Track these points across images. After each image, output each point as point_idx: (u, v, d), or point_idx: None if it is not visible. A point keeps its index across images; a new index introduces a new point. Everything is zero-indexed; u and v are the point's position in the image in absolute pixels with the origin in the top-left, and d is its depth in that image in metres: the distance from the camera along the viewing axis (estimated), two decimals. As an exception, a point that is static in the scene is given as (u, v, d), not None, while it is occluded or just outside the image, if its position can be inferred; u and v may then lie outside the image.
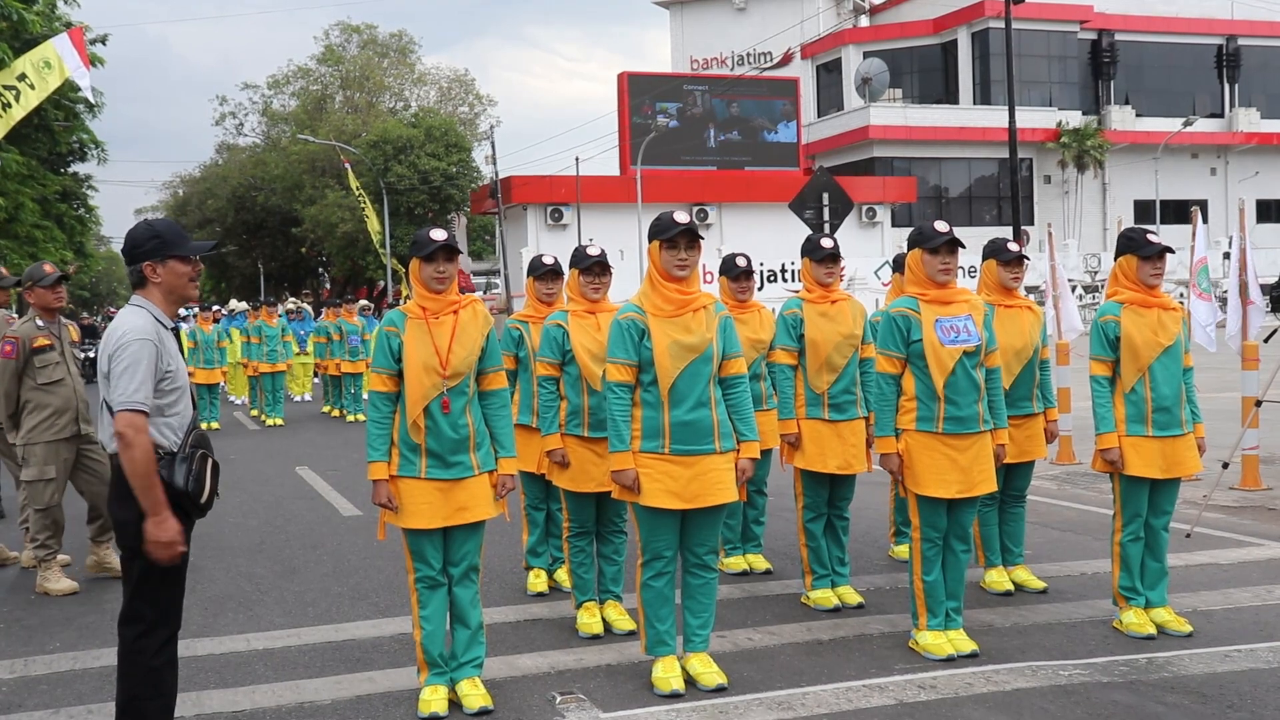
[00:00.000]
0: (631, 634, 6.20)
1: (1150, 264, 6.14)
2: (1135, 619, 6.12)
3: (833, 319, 6.81)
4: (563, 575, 7.31)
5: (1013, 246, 6.93)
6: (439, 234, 5.26)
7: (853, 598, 6.83)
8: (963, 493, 5.83)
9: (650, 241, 5.48)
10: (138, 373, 4.33)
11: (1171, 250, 6.20)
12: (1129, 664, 5.66)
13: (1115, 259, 6.36)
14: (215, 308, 25.21)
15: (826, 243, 6.87)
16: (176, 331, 4.68)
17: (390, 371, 5.21)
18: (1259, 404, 9.83)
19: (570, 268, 6.55)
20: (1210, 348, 11.32)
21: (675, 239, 5.38)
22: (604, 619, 6.44)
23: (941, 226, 5.94)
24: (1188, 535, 8.30)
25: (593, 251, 6.43)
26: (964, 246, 6.04)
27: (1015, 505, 7.17)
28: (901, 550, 7.85)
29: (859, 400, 6.86)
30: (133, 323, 4.43)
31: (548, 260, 7.17)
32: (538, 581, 7.39)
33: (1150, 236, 6.21)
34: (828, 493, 6.94)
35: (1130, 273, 6.21)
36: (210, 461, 4.59)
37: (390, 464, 5.23)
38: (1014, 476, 7.07)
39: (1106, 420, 6.16)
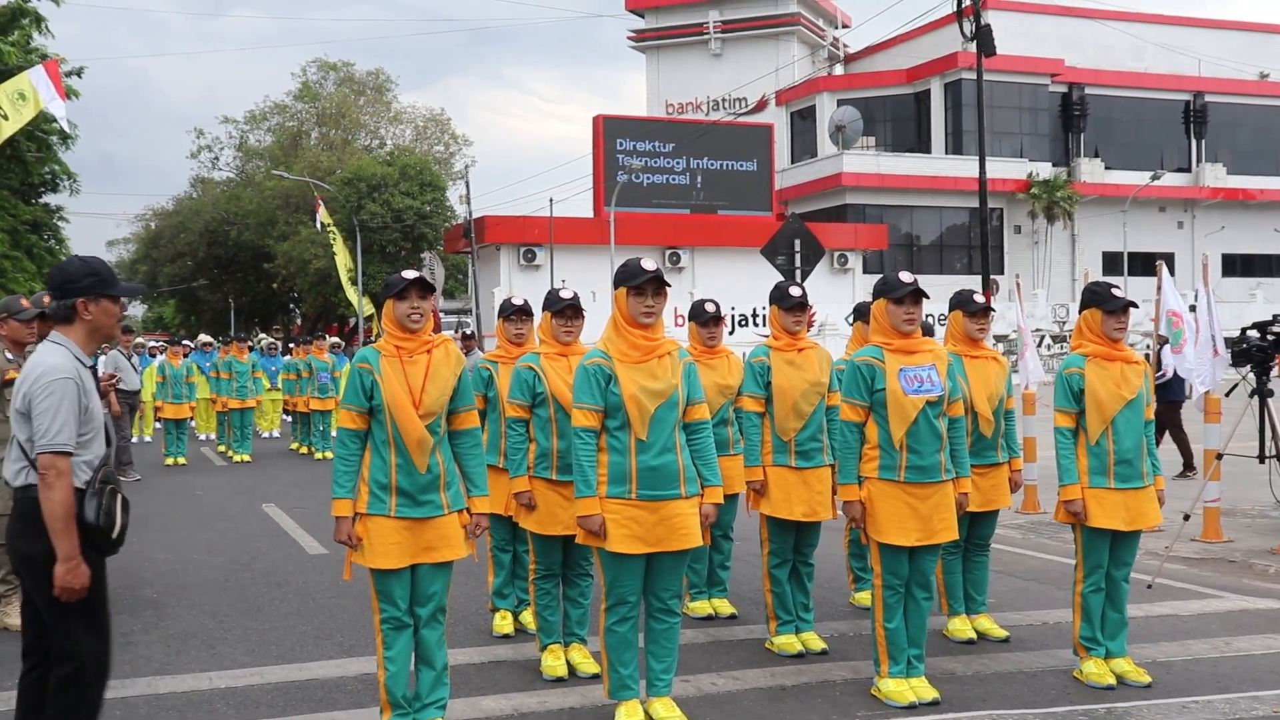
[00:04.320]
0: (595, 677, 6.20)
1: (1114, 318, 6.20)
2: (1095, 669, 6.17)
3: (800, 367, 6.81)
4: (528, 617, 7.31)
5: (979, 298, 7.02)
6: (410, 272, 5.23)
7: (817, 644, 6.86)
8: (922, 540, 5.89)
9: (616, 288, 5.49)
10: (60, 412, 4.31)
11: (1135, 305, 6.28)
12: (1088, 714, 5.70)
13: (1080, 312, 6.42)
14: (185, 343, 25.07)
15: (795, 291, 6.88)
16: (94, 369, 4.67)
17: (360, 409, 5.17)
18: (1220, 457, 9.94)
19: (543, 310, 6.52)
20: (1203, 387, 11.20)
21: (642, 286, 5.40)
22: (568, 662, 6.45)
23: (906, 277, 5.97)
24: (1149, 586, 8.37)
25: (565, 294, 6.42)
26: (928, 297, 6.10)
27: (979, 554, 7.21)
28: (863, 597, 7.91)
29: (825, 448, 6.84)
30: (52, 361, 4.39)
31: (517, 301, 7.17)
32: (503, 623, 7.38)
33: (1114, 291, 6.29)
34: (793, 539, 6.94)
35: (1095, 326, 6.26)
36: (120, 496, 4.54)
37: (358, 501, 5.20)
38: (978, 525, 7.13)
39: (1070, 472, 6.23)
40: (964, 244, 54.49)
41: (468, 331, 17.82)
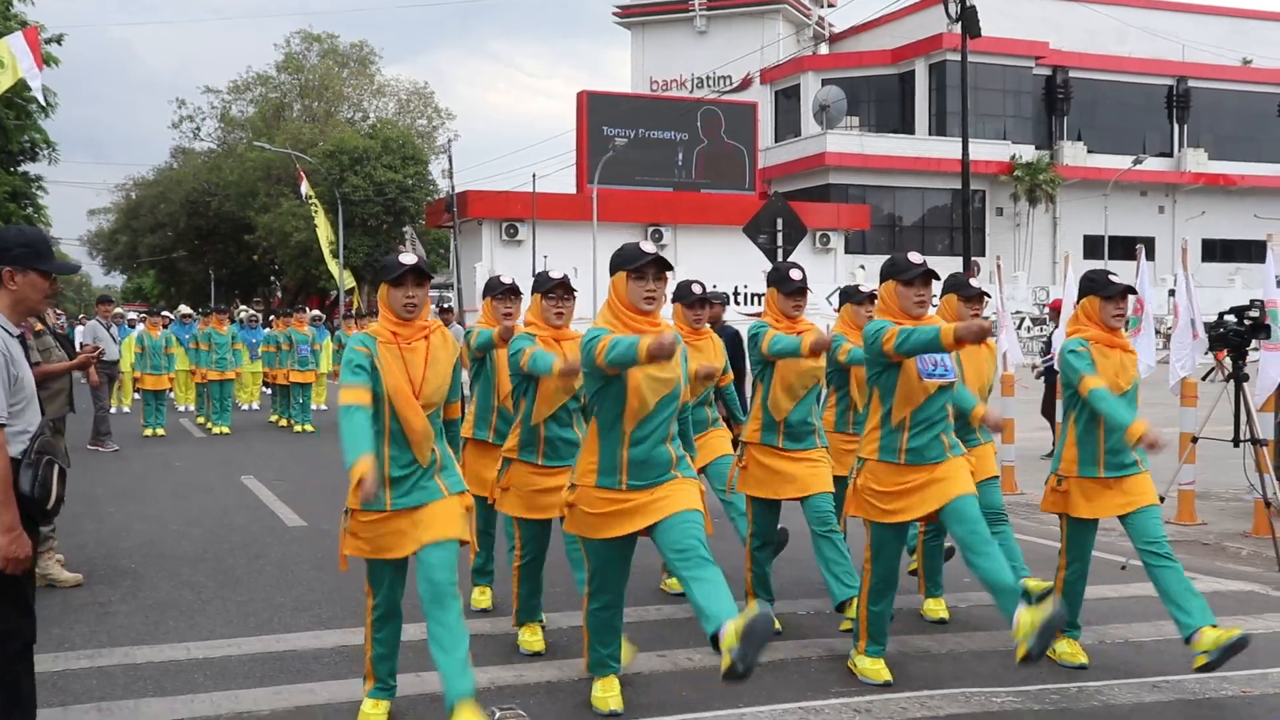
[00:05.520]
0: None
1: (1113, 304, 6.08)
2: (1068, 648, 6.22)
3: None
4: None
5: (975, 283, 6.99)
6: (408, 258, 5.00)
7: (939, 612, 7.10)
8: (918, 514, 5.80)
9: (614, 272, 5.18)
10: None
11: (1134, 291, 6.15)
12: (1060, 692, 5.76)
13: (1077, 300, 6.29)
14: (164, 313, 24.96)
15: (795, 275, 6.63)
16: (22, 338, 4.59)
17: (365, 385, 4.85)
18: (1195, 440, 10.02)
19: (533, 292, 6.28)
20: (1183, 372, 11.27)
21: (643, 269, 5.13)
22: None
23: (916, 258, 5.76)
24: (1123, 568, 8.43)
25: (555, 274, 6.20)
26: (939, 278, 5.90)
27: (997, 525, 6.94)
28: (933, 606, 7.37)
29: (817, 431, 6.73)
30: None
31: (506, 280, 7.00)
32: (481, 598, 7.41)
33: (1111, 277, 6.17)
34: (776, 520, 6.93)
35: (1093, 314, 6.13)
36: (56, 467, 4.44)
37: (350, 497, 4.90)
38: (984, 497, 7.05)
39: (1123, 414, 5.80)
40: (946, 225, 54.56)
41: (446, 306, 17.79)
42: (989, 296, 7.31)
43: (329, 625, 7.03)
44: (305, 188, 43.23)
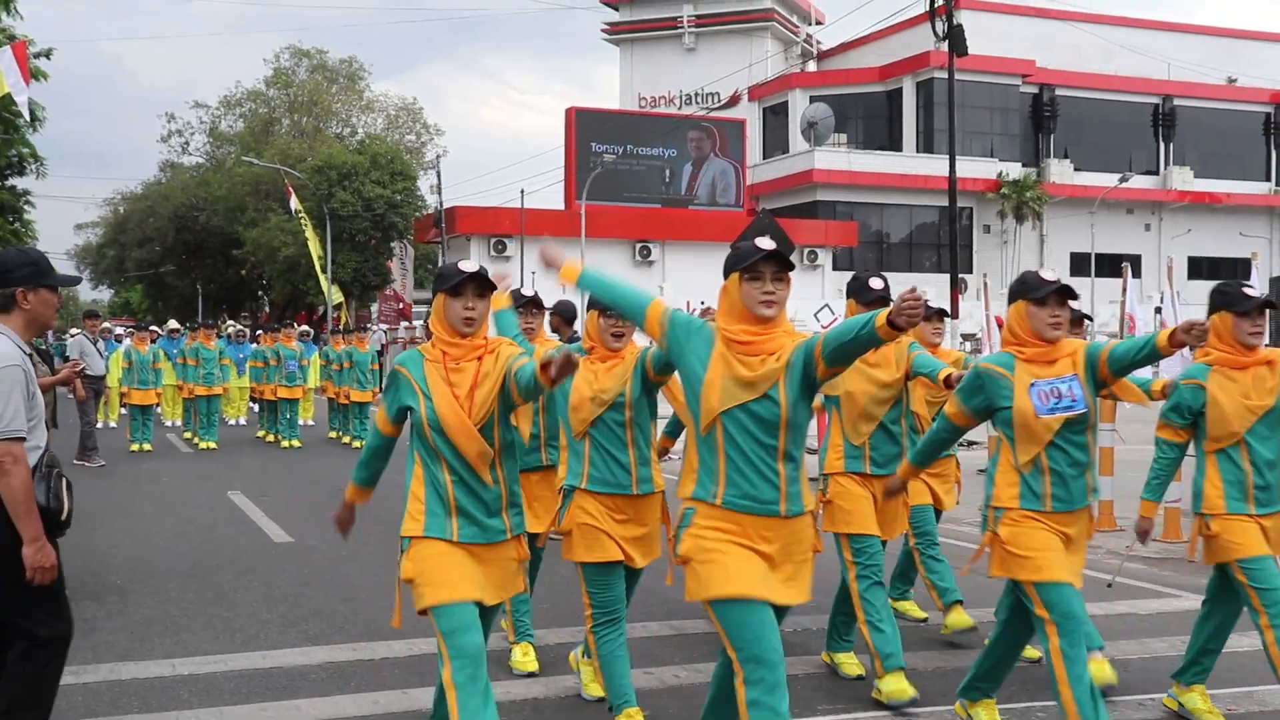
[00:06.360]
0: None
1: (1248, 320, 5.34)
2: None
3: (872, 365, 6.03)
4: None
5: (875, 283, 6.14)
6: (469, 264, 4.48)
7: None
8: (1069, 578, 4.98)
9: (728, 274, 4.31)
10: (12, 399, 4.39)
11: (1274, 305, 5.45)
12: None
13: (1209, 315, 5.46)
14: (151, 328, 24.92)
15: (876, 283, 6.04)
16: (32, 357, 4.72)
17: (391, 414, 4.52)
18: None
19: (588, 309, 5.50)
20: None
21: (758, 266, 4.21)
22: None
23: (1048, 275, 5.03)
24: (1109, 585, 8.46)
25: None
26: (1076, 297, 5.13)
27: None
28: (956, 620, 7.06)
29: (904, 453, 6.10)
30: (1, 349, 4.45)
31: (527, 292, 6.50)
32: (525, 659, 7.30)
33: (1247, 290, 5.40)
34: (881, 546, 6.24)
35: (1225, 332, 5.40)
36: (65, 480, 4.67)
37: (409, 524, 4.42)
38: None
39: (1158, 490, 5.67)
40: (933, 242, 54.70)
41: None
42: (948, 315, 7.26)
43: (316, 641, 7.02)
44: (294, 203, 43.26)
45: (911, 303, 3.77)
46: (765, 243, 4.20)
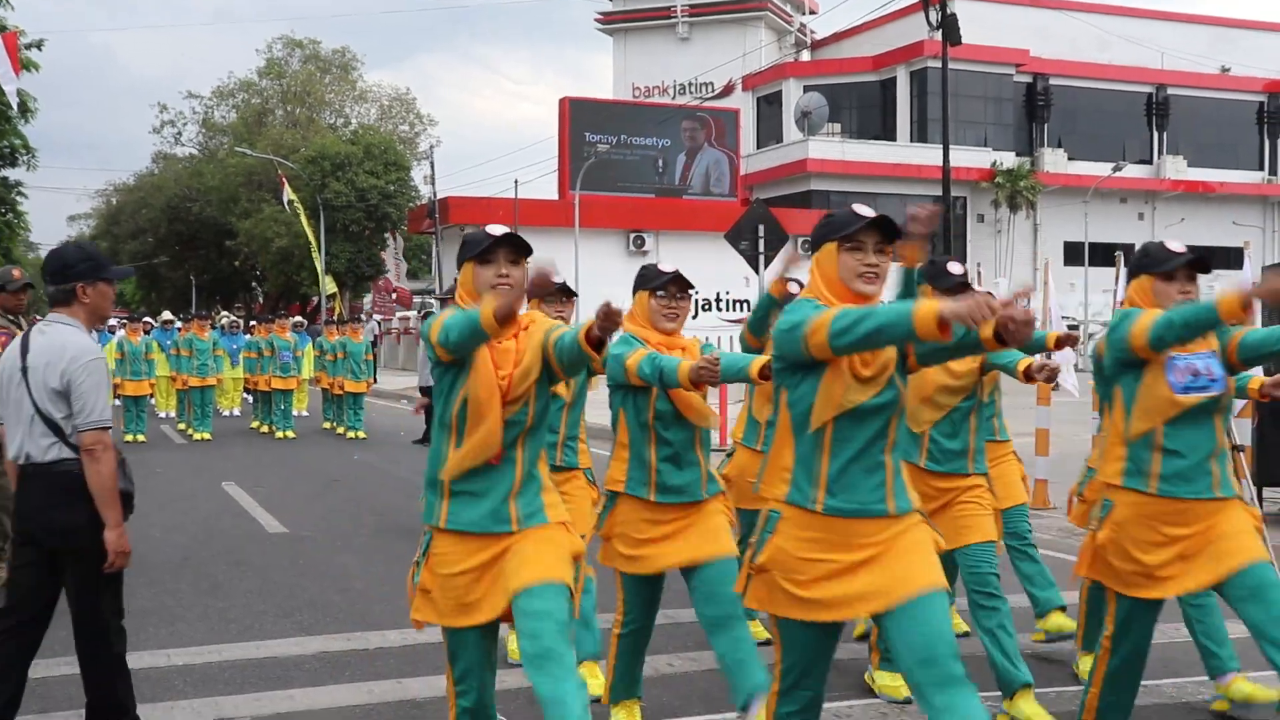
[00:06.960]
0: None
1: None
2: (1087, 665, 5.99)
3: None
4: None
5: (954, 268, 5.79)
6: (497, 228, 4.05)
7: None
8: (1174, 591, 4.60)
9: (818, 246, 3.93)
10: (101, 391, 4.60)
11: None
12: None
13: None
14: (145, 319, 24.89)
15: (955, 268, 5.60)
16: None
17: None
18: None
19: (639, 289, 5.16)
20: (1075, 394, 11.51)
21: (859, 236, 3.79)
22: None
23: (1176, 246, 4.68)
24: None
25: (667, 268, 5.14)
26: (1209, 270, 4.75)
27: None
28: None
29: (971, 453, 5.62)
30: (84, 342, 4.66)
31: (556, 279, 6.07)
32: (592, 681, 7.23)
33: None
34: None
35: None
36: (127, 464, 4.89)
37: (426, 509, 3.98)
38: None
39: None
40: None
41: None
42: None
43: (310, 631, 7.03)
44: (288, 193, 43.22)
45: (1023, 319, 3.23)
46: (865, 210, 3.76)
